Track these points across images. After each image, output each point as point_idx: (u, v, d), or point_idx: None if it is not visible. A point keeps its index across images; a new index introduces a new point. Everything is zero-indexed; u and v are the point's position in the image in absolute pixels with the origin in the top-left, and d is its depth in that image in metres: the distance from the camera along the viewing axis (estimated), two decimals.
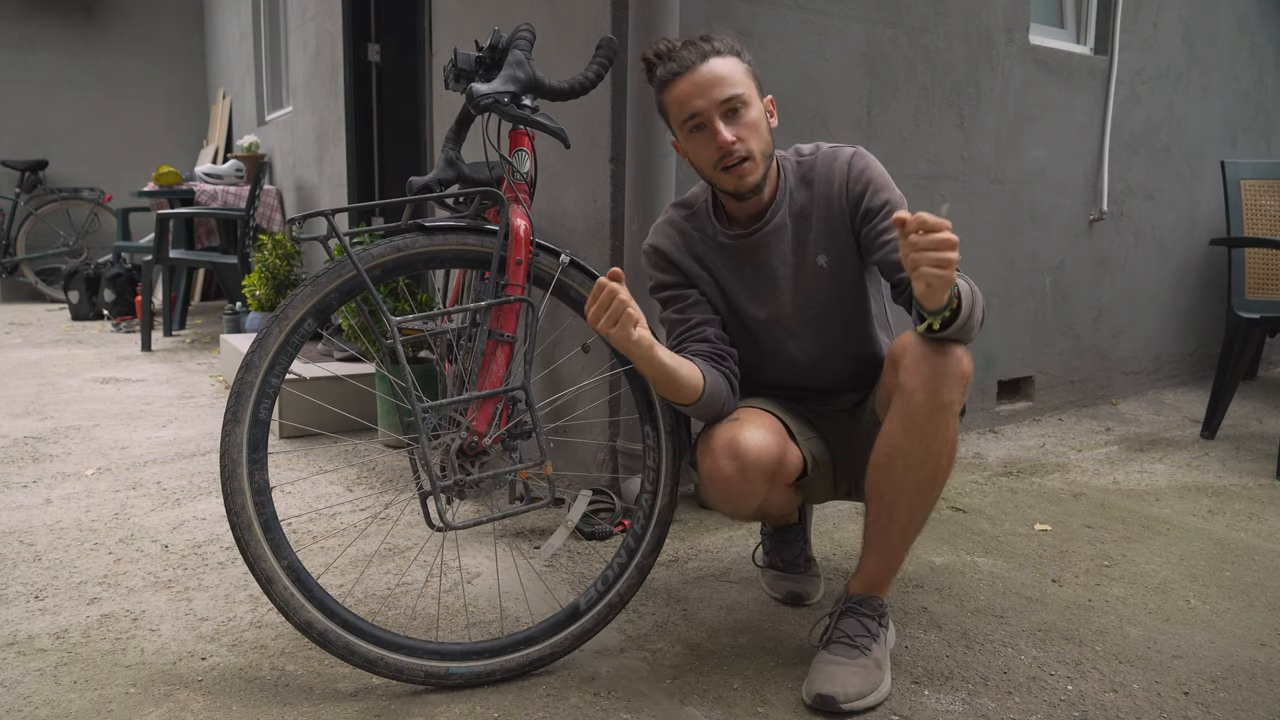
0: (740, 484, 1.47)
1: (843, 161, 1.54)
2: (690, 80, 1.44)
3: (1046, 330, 3.34)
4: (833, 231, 1.55)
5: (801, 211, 1.56)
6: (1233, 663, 1.59)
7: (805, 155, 1.58)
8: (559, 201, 2.51)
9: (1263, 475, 2.70)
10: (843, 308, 1.59)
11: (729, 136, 1.44)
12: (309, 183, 4.99)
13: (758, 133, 1.47)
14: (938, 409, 1.37)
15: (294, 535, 2.12)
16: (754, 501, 1.51)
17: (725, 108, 1.44)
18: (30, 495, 2.38)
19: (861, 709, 1.40)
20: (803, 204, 1.56)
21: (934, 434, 1.39)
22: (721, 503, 1.51)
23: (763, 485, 1.49)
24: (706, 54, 1.44)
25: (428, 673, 1.44)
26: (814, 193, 1.55)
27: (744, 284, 1.61)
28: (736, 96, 1.44)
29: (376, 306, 1.70)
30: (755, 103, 1.47)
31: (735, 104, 1.44)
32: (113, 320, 5.44)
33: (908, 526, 1.47)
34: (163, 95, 7.70)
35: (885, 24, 2.69)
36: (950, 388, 1.36)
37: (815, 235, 1.56)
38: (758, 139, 1.47)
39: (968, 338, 1.37)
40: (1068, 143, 3.29)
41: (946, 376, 1.36)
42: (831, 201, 1.54)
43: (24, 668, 1.51)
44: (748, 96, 1.45)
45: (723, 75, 1.44)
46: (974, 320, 1.34)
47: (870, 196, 1.51)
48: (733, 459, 1.46)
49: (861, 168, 1.53)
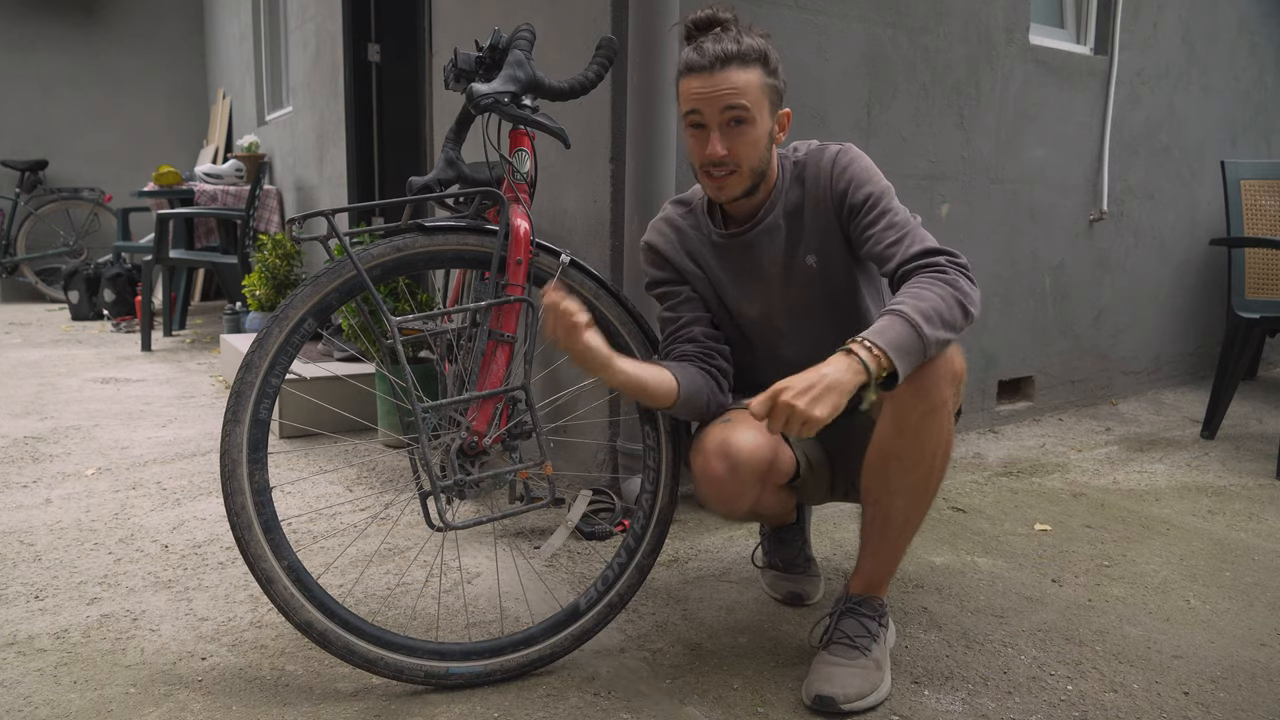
0: (732, 485, 1.47)
1: (828, 159, 1.53)
2: (702, 81, 1.42)
3: (1046, 330, 3.34)
4: (822, 230, 1.54)
5: (794, 211, 1.56)
6: (1233, 663, 1.59)
7: (799, 155, 1.57)
8: (559, 201, 2.51)
9: (1263, 475, 2.70)
10: (833, 307, 1.59)
11: (720, 150, 1.43)
12: (309, 183, 4.99)
13: (753, 149, 1.45)
14: (930, 410, 1.37)
15: (294, 535, 2.12)
16: (746, 502, 1.51)
17: (727, 117, 1.43)
18: (30, 495, 2.38)
19: (861, 709, 1.40)
20: (796, 203, 1.56)
21: (927, 435, 1.39)
22: (714, 503, 1.51)
23: (754, 486, 1.49)
24: (729, 59, 1.41)
25: (427, 673, 1.44)
26: (805, 192, 1.55)
27: (736, 282, 1.61)
28: (742, 110, 1.42)
29: (376, 306, 1.70)
30: (761, 119, 1.45)
31: (738, 116, 1.42)
32: (113, 320, 5.44)
33: (904, 527, 1.47)
34: (163, 95, 7.70)
35: (885, 24, 2.69)
36: (942, 388, 1.36)
37: (806, 235, 1.55)
38: (751, 155, 1.45)
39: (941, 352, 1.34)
40: (1068, 143, 3.29)
41: (938, 377, 1.35)
42: (820, 200, 1.53)
43: (24, 668, 1.51)
44: (754, 113, 1.43)
45: (736, 86, 1.41)
46: (931, 342, 1.29)
47: (853, 193, 1.49)
48: (724, 460, 1.45)
49: (845, 164, 1.51)
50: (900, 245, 1.42)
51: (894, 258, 1.42)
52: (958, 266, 1.38)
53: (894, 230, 1.44)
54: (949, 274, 1.36)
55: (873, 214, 1.47)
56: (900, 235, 1.43)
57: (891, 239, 1.43)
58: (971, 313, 1.35)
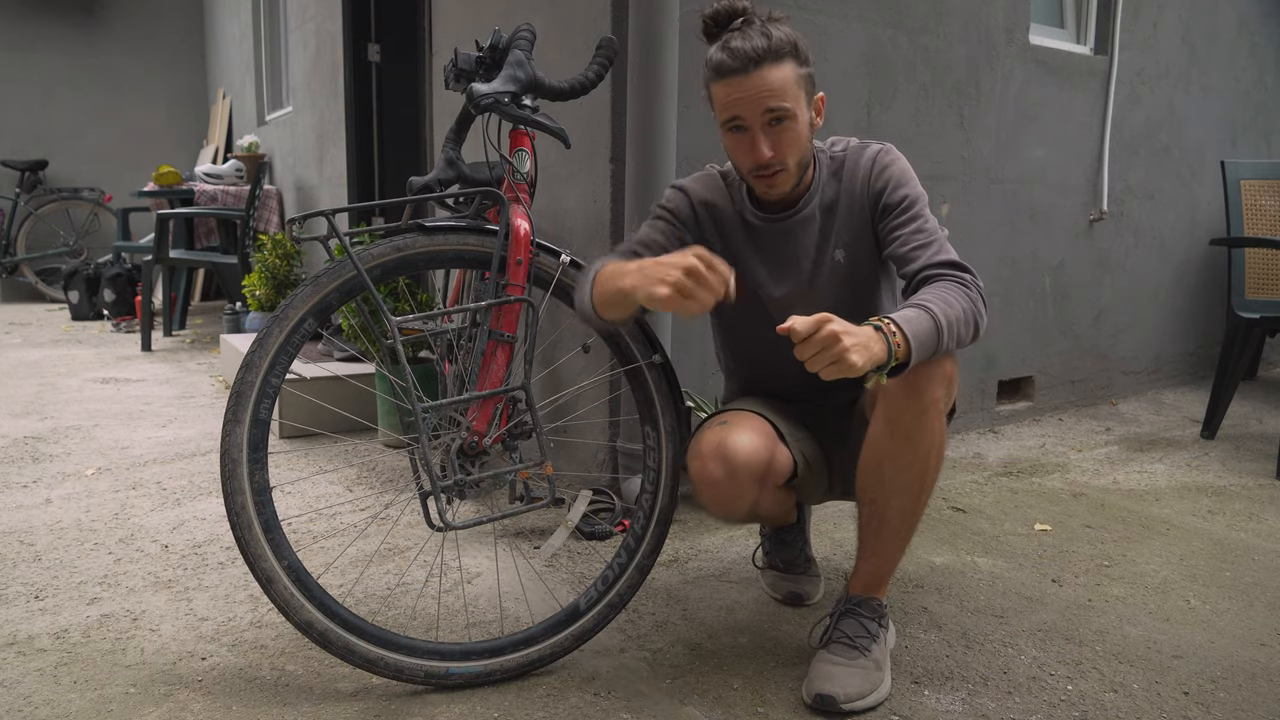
0: (730, 487, 1.47)
1: (868, 158, 1.53)
2: (738, 85, 1.39)
3: (1046, 330, 3.34)
4: (854, 227, 1.54)
5: (830, 205, 1.56)
6: (1233, 663, 1.59)
7: (838, 151, 1.57)
8: (559, 201, 2.51)
9: (1263, 475, 2.70)
10: (854, 303, 1.58)
11: (766, 152, 1.42)
12: (309, 183, 4.99)
13: (797, 145, 1.44)
14: (921, 411, 1.37)
15: (294, 535, 2.12)
16: (744, 504, 1.51)
17: (769, 118, 1.41)
18: (30, 495, 2.38)
19: (861, 709, 1.40)
20: (832, 198, 1.55)
21: (919, 435, 1.39)
22: (713, 506, 1.51)
23: (752, 488, 1.49)
24: (762, 58, 1.38)
25: (428, 673, 1.44)
26: (841, 187, 1.55)
27: (764, 264, 1.59)
28: (782, 109, 1.40)
29: (377, 306, 1.70)
30: (801, 113, 1.43)
31: (779, 115, 1.41)
32: (113, 320, 5.44)
33: (900, 528, 1.47)
34: (163, 95, 7.69)
35: (885, 24, 2.69)
36: (933, 389, 1.36)
37: (838, 230, 1.55)
38: (795, 151, 1.45)
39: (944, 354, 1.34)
40: (1068, 143, 3.29)
41: (929, 378, 1.35)
42: (855, 197, 1.54)
43: (24, 668, 1.51)
44: (794, 109, 1.41)
45: (773, 86, 1.39)
46: (943, 348, 1.30)
47: (889, 193, 1.50)
48: (721, 462, 1.46)
49: (885, 164, 1.52)
50: (927, 250, 1.43)
51: (918, 259, 1.42)
52: (978, 288, 1.39)
53: (923, 235, 1.45)
54: (971, 291, 1.37)
55: (905, 215, 1.47)
56: (929, 241, 1.44)
57: (920, 242, 1.44)
58: (978, 336, 1.38)
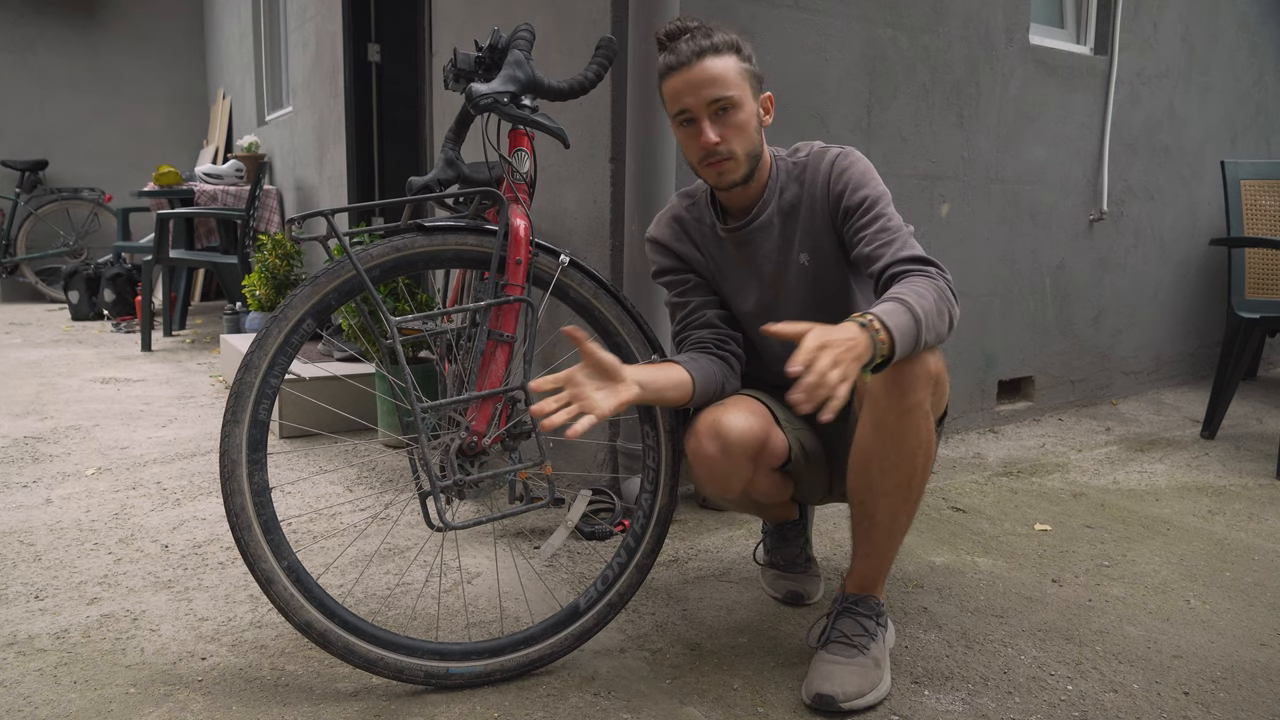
0: (724, 464, 1.49)
1: (828, 161, 1.56)
2: (683, 77, 1.47)
3: (1046, 330, 3.34)
4: (816, 230, 1.57)
5: (790, 209, 1.58)
6: (1233, 663, 1.59)
7: (800, 156, 1.60)
8: (559, 201, 2.51)
9: (1263, 475, 2.70)
10: (824, 306, 1.60)
11: (713, 137, 1.47)
12: (309, 183, 4.99)
13: (744, 133, 1.49)
14: (905, 411, 1.38)
15: (294, 535, 2.12)
16: (738, 482, 1.53)
17: (714, 108, 1.47)
18: (30, 495, 2.38)
19: (861, 708, 1.40)
20: (792, 201, 1.58)
21: (905, 436, 1.39)
22: (706, 482, 1.53)
23: (746, 466, 1.51)
24: (704, 51, 1.46)
25: (428, 673, 1.44)
26: (803, 191, 1.58)
27: (733, 276, 1.65)
28: (726, 98, 1.46)
29: (376, 306, 1.70)
30: (746, 103, 1.49)
31: (724, 104, 1.47)
32: (113, 320, 5.44)
33: (891, 528, 1.47)
34: (163, 95, 7.70)
35: (885, 24, 2.69)
36: (916, 389, 1.37)
37: (801, 233, 1.58)
38: (743, 140, 1.49)
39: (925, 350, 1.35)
40: (1068, 142, 3.29)
41: (912, 378, 1.36)
42: (816, 201, 1.56)
43: (24, 668, 1.51)
44: (738, 98, 1.47)
45: (715, 75, 1.46)
46: (922, 341, 1.31)
47: (849, 195, 1.52)
48: (715, 439, 1.48)
49: (844, 167, 1.54)
50: (891, 247, 1.44)
51: (884, 257, 1.44)
52: (946, 280, 1.39)
53: (886, 233, 1.46)
54: (940, 283, 1.37)
55: (867, 216, 1.49)
56: (893, 238, 1.46)
57: (884, 240, 1.46)
58: (953, 327, 1.39)
